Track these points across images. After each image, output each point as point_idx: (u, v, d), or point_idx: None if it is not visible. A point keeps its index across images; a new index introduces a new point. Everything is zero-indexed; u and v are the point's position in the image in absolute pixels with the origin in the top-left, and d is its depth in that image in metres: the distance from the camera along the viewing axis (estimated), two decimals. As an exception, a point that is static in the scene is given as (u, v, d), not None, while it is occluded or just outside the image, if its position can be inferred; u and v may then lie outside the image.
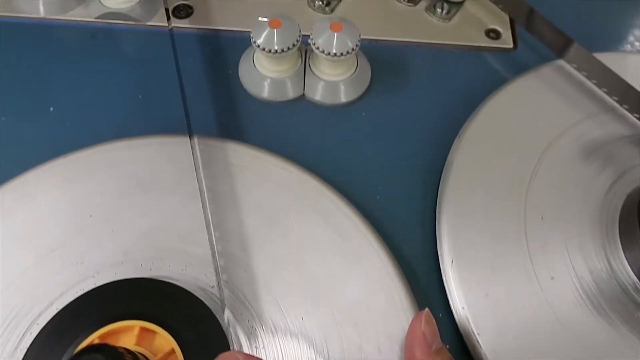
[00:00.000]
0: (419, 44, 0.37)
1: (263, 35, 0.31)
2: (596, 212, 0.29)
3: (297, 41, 0.31)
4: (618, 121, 0.32)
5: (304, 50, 0.34)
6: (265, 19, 0.31)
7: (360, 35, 0.31)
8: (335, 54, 0.31)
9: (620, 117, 0.32)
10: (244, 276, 0.26)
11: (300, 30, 0.32)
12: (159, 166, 0.29)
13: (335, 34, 0.31)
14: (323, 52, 0.31)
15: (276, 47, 0.31)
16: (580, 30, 0.36)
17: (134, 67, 0.35)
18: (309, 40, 0.32)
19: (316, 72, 0.34)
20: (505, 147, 0.31)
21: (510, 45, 0.37)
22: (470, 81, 0.35)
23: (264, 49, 0.31)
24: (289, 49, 0.31)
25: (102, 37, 0.36)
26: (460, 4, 0.39)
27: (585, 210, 0.29)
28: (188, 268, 0.26)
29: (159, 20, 0.37)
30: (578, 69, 0.34)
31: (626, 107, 0.31)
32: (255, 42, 0.31)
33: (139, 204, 0.28)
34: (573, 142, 0.31)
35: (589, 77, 0.33)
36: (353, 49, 0.31)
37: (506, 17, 0.38)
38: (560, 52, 0.34)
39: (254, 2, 0.38)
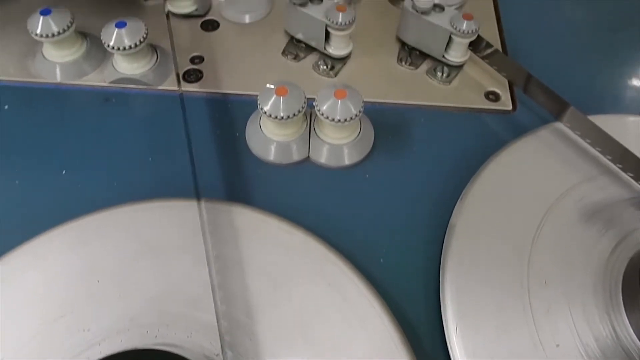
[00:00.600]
0: (420, 107, 0.38)
1: (270, 103, 0.32)
2: (599, 276, 0.29)
3: (303, 107, 0.33)
4: (618, 184, 0.33)
5: (309, 113, 0.35)
6: (272, 86, 0.33)
7: (363, 102, 0.33)
8: (339, 120, 0.32)
9: (620, 179, 0.33)
10: (249, 344, 0.26)
11: (305, 97, 0.33)
12: (167, 230, 0.30)
13: (339, 101, 0.32)
14: (327, 118, 0.32)
15: (282, 114, 0.32)
16: (578, 92, 0.37)
17: (145, 130, 0.36)
18: (314, 104, 0.33)
19: (321, 136, 0.35)
20: (507, 209, 0.32)
21: (510, 108, 0.38)
22: (471, 143, 0.36)
23: (270, 115, 0.32)
24: (294, 115, 0.32)
25: (115, 101, 0.38)
26: (460, 67, 0.40)
27: (588, 275, 0.29)
28: (193, 335, 0.26)
29: (170, 85, 0.38)
30: (580, 135, 0.34)
31: (630, 175, 0.32)
32: (262, 108, 0.32)
33: (146, 269, 0.28)
34: (574, 205, 0.32)
35: (592, 144, 0.34)
36: (356, 115, 0.32)
37: (505, 80, 0.40)
38: (557, 115, 0.35)
39: (261, 67, 0.40)
